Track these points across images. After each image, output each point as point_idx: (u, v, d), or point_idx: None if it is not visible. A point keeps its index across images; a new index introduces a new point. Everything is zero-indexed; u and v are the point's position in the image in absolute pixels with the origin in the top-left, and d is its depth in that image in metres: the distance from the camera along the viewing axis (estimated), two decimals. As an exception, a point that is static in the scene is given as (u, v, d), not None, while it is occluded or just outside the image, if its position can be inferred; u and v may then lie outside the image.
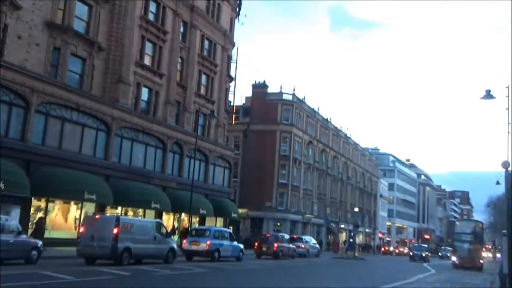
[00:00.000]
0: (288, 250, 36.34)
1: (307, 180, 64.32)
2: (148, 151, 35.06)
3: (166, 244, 23.07)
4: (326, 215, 69.50)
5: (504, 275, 12.93)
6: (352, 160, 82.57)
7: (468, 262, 39.00)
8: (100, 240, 19.74)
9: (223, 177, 44.41)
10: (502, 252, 26.41)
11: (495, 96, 22.46)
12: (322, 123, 70.07)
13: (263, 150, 57.60)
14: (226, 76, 45.83)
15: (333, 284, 19.94)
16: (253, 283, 18.10)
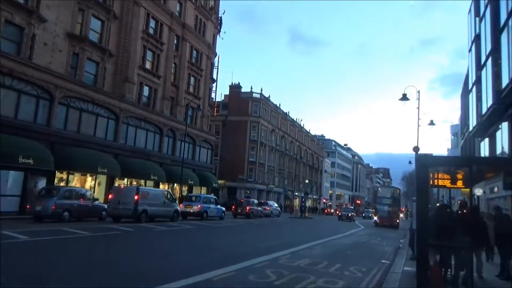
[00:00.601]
0: (257, 211, 37.13)
1: (270, 159, 64.44)
2: (149, 135, 34.49)
3: (172, 207, 23.81)
4: (284, 185, 69.92)
5: (412, 230, 13.15)
6: (304, 144, 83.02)
7: (387, 221, 36.80)
8: (125, 204, 20.58)
9: (206, 156, 44.16)
10: (412, 213, 26.14)
11: (409, 98, 22.75)
12: (282, 116, 70.09)
13: (237, 136, 57.46)
14: (210, 78, 45.28)
15: (291, 235, 20.11)
16: (230, 234, 18.08)
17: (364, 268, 10.91)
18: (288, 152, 72.76)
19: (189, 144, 40.25)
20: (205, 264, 9.56)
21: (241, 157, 57.34)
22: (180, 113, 38.70)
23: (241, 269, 9.31)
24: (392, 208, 38.17)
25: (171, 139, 37.45)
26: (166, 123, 36.07)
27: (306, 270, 9.91)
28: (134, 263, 9.33)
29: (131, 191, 21.38)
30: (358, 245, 18.07)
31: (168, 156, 36.54)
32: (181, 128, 37.26)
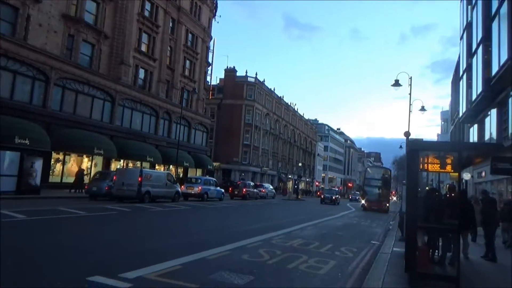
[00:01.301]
0: (253, 193, 37.94)
1: (265, 142, 64.48)
2: (144, 117, 34.30)
3: (173, 188, 24.30)
4: (278, 168, 70.21)
5: (402, 213, 13.35)
6: (298, 128, 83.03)
7: (376, 205, 33.51)
8: (129, 186, 21.02)
9: (201, 138, 44.12)
10: (402, 197, 25.37)
11: (402, 84, 22.76)
12: (277, 100, 69.87)
13: (232, 119, 57.32)
14: (205, 62, 44.86)
15: (284, 216, 20.29)
16: (226, 215, 18.21)
17: (354, 249, 11.08)
18: (282, 135, 72.83)
19: (185, 127, 40.13)
20: (201, 244, 9.66)
21: (236, 140, 57.34)
22: (176, 96, 38.46)
23: (236, 249, 9.42)
24: (382, 191, 34.45)
25: (167, 122, 37.29)
26: (161, 106, 35.85)
27: (298, 250, 10.05)
28: (122, 242, 9.39)
29: (134, 173, 21.76)
30: (349, 226, 18.32)
31: (163, 138, 36.43)
32: (177, 110, 37.05)
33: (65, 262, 6.93)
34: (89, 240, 9.30)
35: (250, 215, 20.65)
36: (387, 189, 35.87)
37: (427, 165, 7.44)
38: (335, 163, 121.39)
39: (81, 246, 8.44)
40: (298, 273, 7.52)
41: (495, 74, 18.82)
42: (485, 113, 24.06)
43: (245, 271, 7.19)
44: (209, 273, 6.85)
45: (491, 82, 19.96)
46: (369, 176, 36.51)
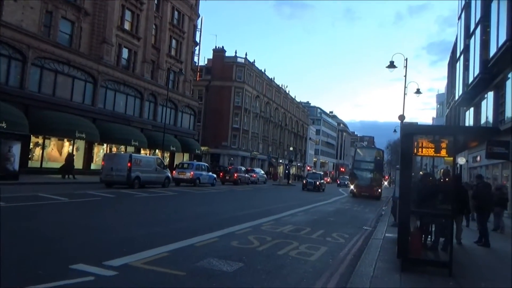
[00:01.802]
0: (245, 178, 38.71)
1: (255, 125, 64.44)
2: (129, 99, 33.97)
3: (163, 174, 24.73)
4: (268, 152, 70.40)
5: (395, 198, 13.55)
6: (289, 111, 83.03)
7: (367, 190, 30.92)
8: (118, 171, 21.40)
9: (189, 122, 43.94)
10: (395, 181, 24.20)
11: (397, 66, 22.83)
12: (267, 82, 69.59)
13: (221, 101, 57.05)
14: (192, 41, 44.32)
15: (275, 202, 20.46)
16: (215, 201, 18.29)
17: (346, 235, 11.24)
18: (273, 118, 72.81)
19: (171, 110, 39.87)
20: (188, 230, 9.71)
21: (224, 123, 57.18)
22: (162, 77, 38.08)
23: (224, 236, 9.49)
24: (374, 175, 31.69)
25: (152, 104, 37.00)
26: (146, 87, 35.49)
27: (289, 236, 10.16)
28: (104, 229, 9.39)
29: (123, 158, 22.14)
30: (341, 212, 18.55)
31: (149, 121, 36.19)
32: (163, 92, 36.75)
33: (46, 251, 6.91)
34: (72, 227, 9.28)
35: (240, 200, 20.79)
36: (380, 173, 33.02)
37: (422, 149, 7.52)
38: (328, 147, 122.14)
39: (62, 234, 8.42)
40: (289, 259, 7.62)
41: (493, 56, 18.94)
42: (481, 96, 24.31)
43: (234, 258, 7.26)
44: (197, 260, 6.90)
45: (488, 64, 20.11)
46: (359, 158, 33.01)
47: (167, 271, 6.14)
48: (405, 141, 7.24)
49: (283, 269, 6.89)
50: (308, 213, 16.62)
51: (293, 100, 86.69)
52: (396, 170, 16.39)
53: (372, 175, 31.57)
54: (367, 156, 33.08)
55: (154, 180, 23.86)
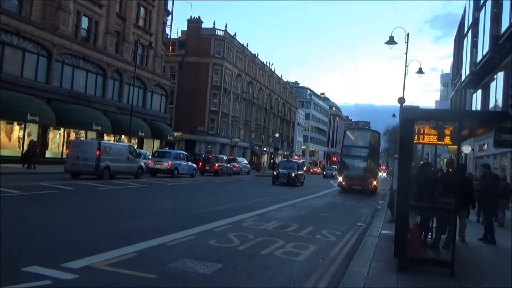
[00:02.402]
0: (227, 168, 39.39)
1: (235, 108, 64.35)
2: (89, 77, 33.50)
3: (136, 163, 25.27)
4: (251, 139, 70.51)
5: (393, 190, 13.80)
6: (275, 92, 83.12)
7: (359, 183, 28.18)
8: (85, 160, 21.74)
9: (160, 103, 43.63)
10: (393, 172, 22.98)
11: (397, 42, 23.02)
12: (250, 58, 69.35)
13: (197, 80, 56.69)
14: (164, 10, 43.75)
15: (258, 195, 20.59)
16: (193, 194, 18.30)
17: (338, 232, 11.42)
18: (256, 101, 72.78)
19: (139, 89, 39.51)
20: (160, 227, 9.72)
21: (201, 105, 56.93)
22: (128, 52, 37.60)
23: (201, 233, 9.53)
24: (368, 163, 29.18)
25: (117, 82, 36.59)
26: (110, 63, 35.02)
27: (273, 234, 10.26)
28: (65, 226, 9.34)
29: (91, 145, 22.58)
30: (332, 206, 18.79)
31: (113, 102, 35.80)
32: (129, 69, 36.35)
33: (-5, 251, 6.82)
34: (23, 225, 9.17)
35: (220, 193, 20.96)
36: (375, 162, 30.17)
37: (423, 137, 7.65)
38: (318, 133, 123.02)
39: (11, 232, 8.31)
40: (273, 260, 7.71)
41: (505, 31, 19.23)
42: (490, 77, 24.73)
43: (212, 259, 7.31)
44: (170, 261, 6.92)
45: (499, 40, 20.40)
46: (349, 143, 30.08)
47: (134, 273, 6.15)
48: (405, 127, 7.35)
49: (267, 270, 6.98)
50: (295, 207, 16.78)
51: (280, 79, 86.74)
52: (394, 159, 16.65)
53: (365, 164, 28.97)
54: (360, 140, 30.23)
55: (126, 170, 24.34)
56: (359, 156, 29.32)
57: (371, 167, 29.15)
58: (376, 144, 30.61)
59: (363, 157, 29.30)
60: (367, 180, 28.17)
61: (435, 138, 7.61)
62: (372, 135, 31.31)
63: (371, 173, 28.77)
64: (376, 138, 30.85)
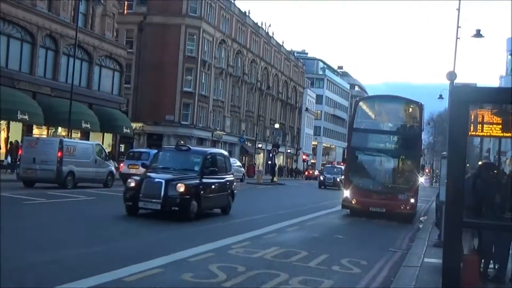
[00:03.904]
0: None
1: (218, 88, 64.22)
2: (11, 45, 33.33)
3: (105, 167, 26.85)
4: (241, 132, 70.44)
5: (440, 202, 13.82)
6: (274, 66, 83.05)
7: (384, 202, 21.94)
8: (44, 164, 23.07)
9: (112, 82, 43.42)
10: (440, 177, 18.85)
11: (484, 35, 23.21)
12: (238, 18, 69.17)
13: (164, 49, 56.37)
14: (116, -50, 43.54)
15: (253, 209, 20.55)
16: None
17: (363, 261, 11.42)
18: (248, 77, 72.69)
19: (82, 62, 39.37)
20: (115, 255, 9.74)
21: (169, 85, 56.70)
22: (66, 9, 37.47)
23: (171, 264, 9.51)
24: (402, 164, 23.87)
25: (51, 53, 36.47)
26: (41, 25, 34.87)
27: (273, 264, 10.26)
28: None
29: (51, 145, 23.90)
30: (354, 224, 18.88)
31: (46, 81, 35.66)
32: (68, 34, 36.41)
33: None
34: None
35: None
36: (414, 160, 23.63)
37: (482, 127, 7.65)
38: (335, 123, 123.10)
39: None
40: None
41: None
42: None
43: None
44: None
45: None
46: (365, 125, 24.61)
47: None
48: (456, 114, 7.33)
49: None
50: (304, 227, 16.80)
51: (280, 48, 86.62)
52: (442, 159, 16.69)
53: (396, 164, 23.86)
54: (386, 118, 25.06)
55: (93, 177, 26.00)
56: (384, 150, 23.42)
57: (406, 170, 23.50)
58: (416, 127, 23.73)
59: (392, 152, 23.48)
60: (398, 197, 22.18)
61: (499, 128, 7.62)
62: (408, 109, 24.70)
63: (406, 183, 22.92)
64: (416, 116, 23.93)
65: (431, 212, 24.58)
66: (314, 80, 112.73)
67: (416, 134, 23.67)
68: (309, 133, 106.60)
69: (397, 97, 26.36)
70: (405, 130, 23.93)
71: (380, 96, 32.49)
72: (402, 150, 23.39)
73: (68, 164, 23.82)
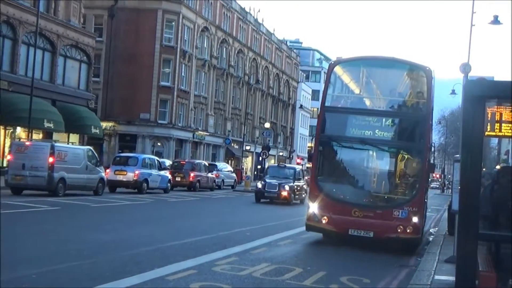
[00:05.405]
0: (207, 180, 41.83)
1: (201, 82, 64.16)
2: (-37, 33, 33.19)
3: (97, 174, 28.64)
4: (226, 132, 70.42)
5: (453, 212, 13.87)
6: (264, 57, 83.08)
7: (372, 222, 16.34)
8: (34, 170, 24.75)
9: (78, 76, 43.33)
10: (452, 183, 18.37)
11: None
12: (223, 2, 69.16)
13: (138, 38, 56.42)
14: None
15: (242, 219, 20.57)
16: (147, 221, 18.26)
17: (365, 279, 11.47)
18: (234, 70, 72.69)
19: (44, 52, 39.31)
20: (83, 273, 9.82)
21: (144, 78, 56.62)
22: (26, -9, 37.32)
23: (148, 283, 9.52)
24: (402, 159, 18.92)
25: (8, 42, 36.41)
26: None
27: (263, 283, 10.32)
28: None
29: (42, 150, 25.56)
30: (357, 236, 18.84)
31: (2, 74, 35.53)
32: (28, 20, 36.43)
33: None
34: None
35: (181, 218, 21.53)
36: (419, 156, 17.77)
37: (500, 126, 7.69)
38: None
39: None
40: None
41: None
42: None
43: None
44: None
45: None
46: (341, 103, 19.55)
47: None
48: (471, 111, 7.39)
49: None
50: (298, 240, 16.82)
51: (271, 36, 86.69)
52: (455, 162, 16.71)
53: (391, 161, 19.12)
54: (376, 90, 20.52)
55: (84, 184, 27.79)
56: (373, 140, 17.87)
57: (406, 172, 18.78)
58: (422, 105, 18.32)
59: (384, 144, 18.40)
60: (393, 213, 16.75)
61: (518, 127, 7.67)
62: (411, 78, 19.99)
63: (406, 192, 18.09)
64: (423, 89, 18.56)
65: (442, 222, 24.73)
66: (310, 73, 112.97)
67: (423, 117, 18.21)
68: (304, 134, 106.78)
69: (393, 59, 19.95)
70: (406, 110, 19.03)
71: (367, 58, 21.44)
72: (401, 140, 18.63)
73: (59, 171, 25.36)
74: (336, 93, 19.65)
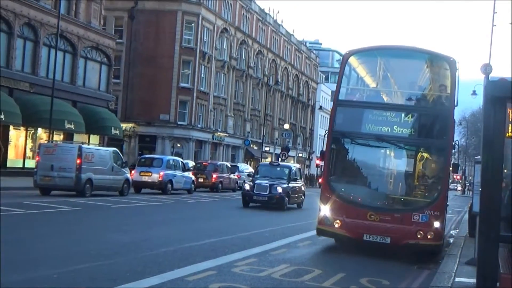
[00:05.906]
0: (229, 181, 42.62)
1: (220, 84, 64.20)
2: (-15, 35, 33.46)
3: (122, 175, 29.30)
4: (245, 133, 70.38)
5: (473, 213, 13.75)
6: (283, 58, 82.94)
7: (388, 227, 15.08)
8: (62, 171, 25.46)
9: (99, 77, 43.47)
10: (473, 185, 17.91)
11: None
12: (243, 3, 69.12)
13: (158, 40, 56.57)
14: None
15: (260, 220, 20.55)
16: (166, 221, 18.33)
17: (385, 281, 11.42)
18: (254, 72, 72.63)
19: (65, 54, 39.47)
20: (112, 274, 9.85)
21: (164, 80, 56.74)
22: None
23: (169, 283, 9.59)
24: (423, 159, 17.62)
25: (30, 44, 36.57)
26: (19, 12, 35.01)
27: (282, 285, 10.31)
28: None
29: (70, 151, 26.36)
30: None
31: (24, 76, 35.75)
32: (49, 22, 36.57)
33: None
34: None
35: (198, 220, 21.24)
36: (441, 156, 16.75)
37: (522, 127, 7.61)
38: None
39: None
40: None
41: None
42: None
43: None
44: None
45: None
46: (356, 96, 18.66)
47: None
48: (492, 112, 7.34)
49: None
50: (317, 241, 16.77)
51: (291, 37, 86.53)
52: (475, 164, 16.57)
53: (411, 161, 17.99)
54: (394, 83, 19.28)
55: (110, 185, 28.42)
56: (391, 137, 16.64)
57: (427, 172, 17.75)
58: (446, 99, 17.14)
59: (403, 142, 17.29)
60: (413, 217, 15.50)
61: (543, 129, 7.59)
62: (433, 69, 18.78)
63: (426, 194, 16.93)
64: (447, 82, 17.23)
65: (463, 224, 24.56)
66: (329, 74, 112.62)
67: (446, 112, 16.76)
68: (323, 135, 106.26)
69: (413, 48, 18.33)
70: (427, 105, 17.84)
71: (385, 47, 19.48)
72: (422, 137, 17.30)
73: (87, 172, 26.06)
74: (351, 86, 18.66)
